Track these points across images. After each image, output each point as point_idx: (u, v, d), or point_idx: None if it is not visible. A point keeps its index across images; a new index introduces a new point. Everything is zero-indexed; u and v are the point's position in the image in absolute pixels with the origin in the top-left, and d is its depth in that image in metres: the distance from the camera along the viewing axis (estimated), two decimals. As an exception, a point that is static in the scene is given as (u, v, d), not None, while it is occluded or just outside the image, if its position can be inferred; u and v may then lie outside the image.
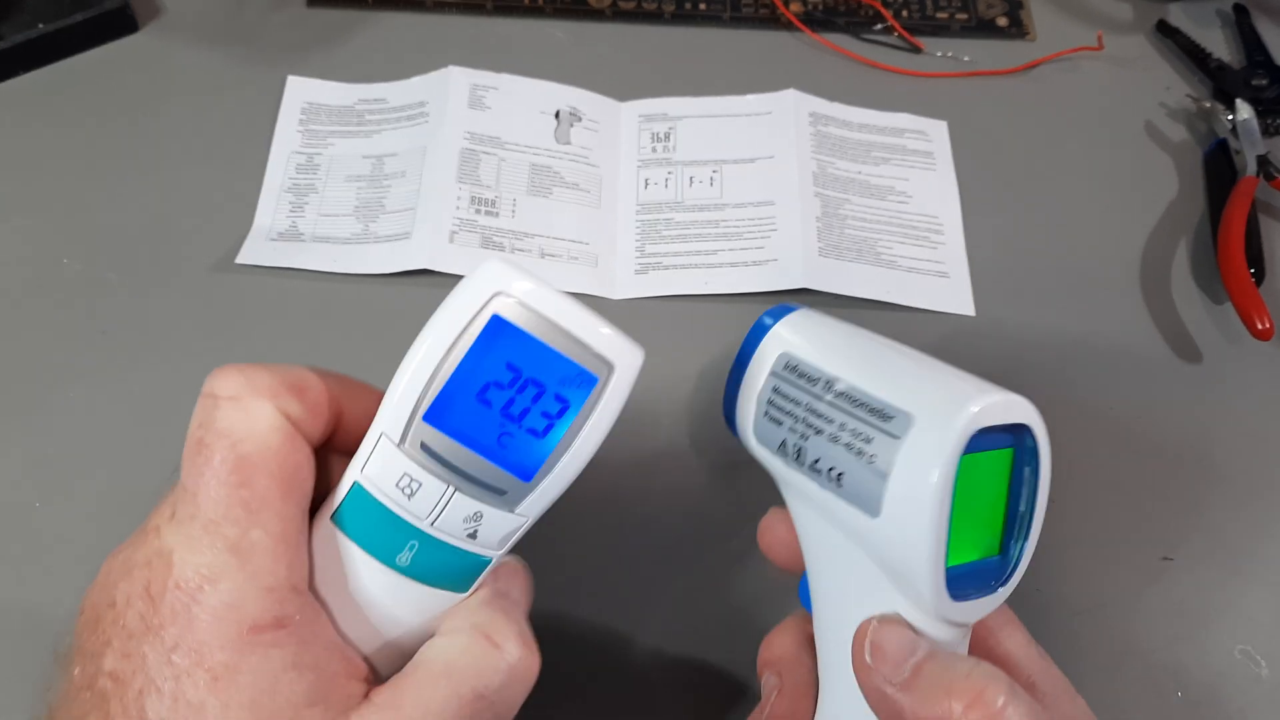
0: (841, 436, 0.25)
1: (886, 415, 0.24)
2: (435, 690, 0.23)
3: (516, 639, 0.24)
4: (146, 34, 0.52)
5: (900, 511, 0.24)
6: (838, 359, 0.27)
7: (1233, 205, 0.45)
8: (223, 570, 0.22)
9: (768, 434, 0.27)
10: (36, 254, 0.44)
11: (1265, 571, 0.38)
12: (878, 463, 0.24)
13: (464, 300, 0.24)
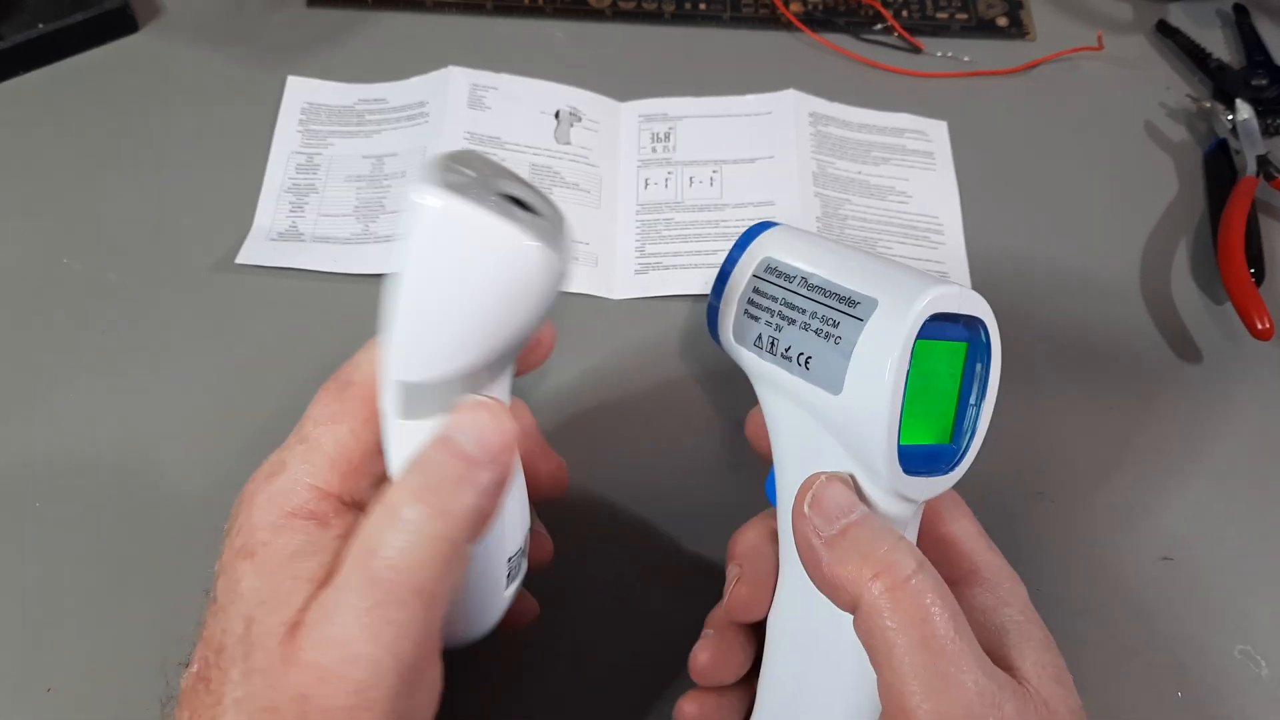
0: (811, 324, 0.27)
1: (853, 302, 0.27)
2: (351, 573, 0.23)
3: (413, 501, 0.23)
4: (146, 34, 0.52)
5: (860, 387, 0.26)
6: (813, 258, 0.29)
7: (1233, 205, 0.45)
8: (286, 463, 0.26)
9: (745, 330, 0.29)
10: (36, 254, 0.44)
11: (1265, 571, 0.38)
12: (842, 344, 0.26)
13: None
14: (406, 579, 0.23)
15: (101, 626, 0.35)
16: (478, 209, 0.22)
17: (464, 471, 0.24)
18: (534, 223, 0.23)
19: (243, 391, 0.41)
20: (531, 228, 0.22)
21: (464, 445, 0.24)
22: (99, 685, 0.34)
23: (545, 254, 0.22)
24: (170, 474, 0.39)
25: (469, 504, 0.24)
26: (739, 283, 0.29)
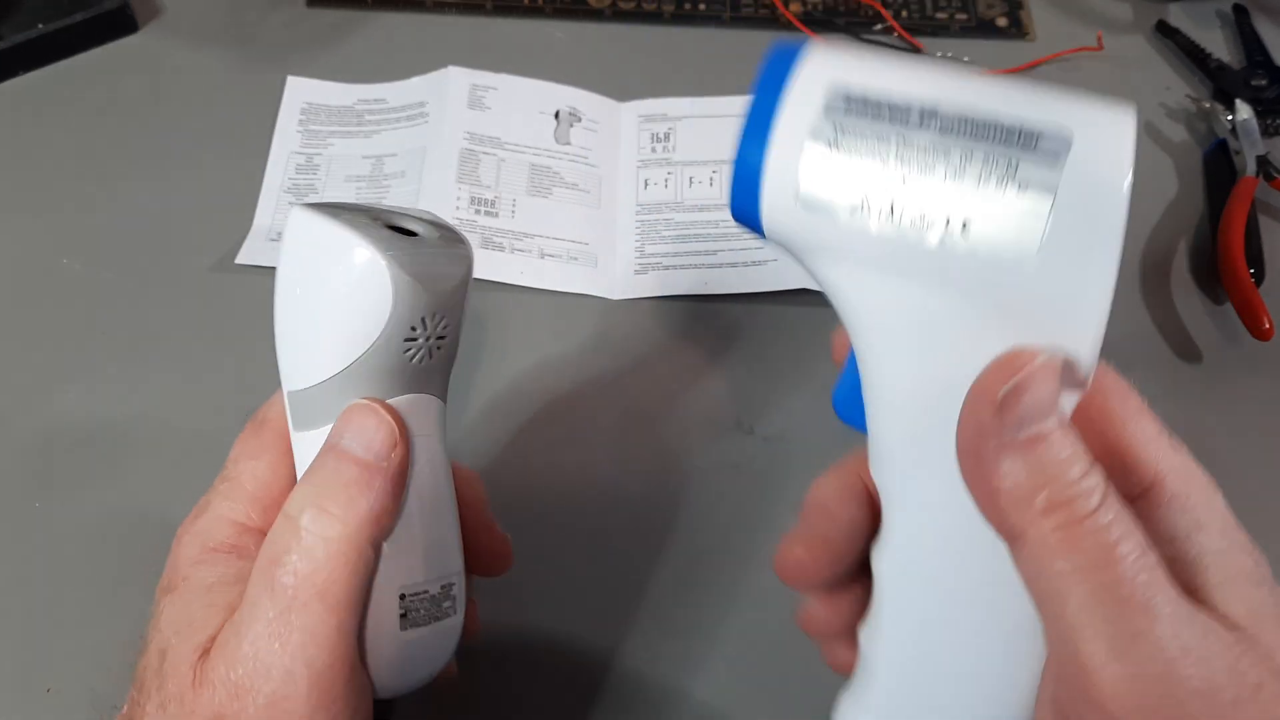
0: (969, 171, 0.20)
1: (1030, 135, 0.20)
2: (256, 586, 0.23)
3: (307, 507, 0.24)
4: (146, 34, 0.52)
5: (1069, 248, 0.20)
6: (919, 80, 0.21)
7: (1232, 205, 0.45)
8: (210, 503, 0.27)
9: (832, 195, 0.21)
10: (36, 254, 0.44)
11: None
12: (1031, 193, 0.20)
13: None
14: (308, 584, 0.23)
15: (101, 627, 0.35)
16: (326, 220, 0.24)
17: (354, 474, 0.24)
18: (389, 239, 0.24)
19: (242, 391, 0.41)
20: (376, 239, 0.24)
21: (351, 448, 0.24)
22: (99, 686, 0.34)
23: (378, 261, 0.24)
24: (170, 473, 0.39)
25: (363, 505, 0.24)
26: (797, 126, 0.21)
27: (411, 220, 0.26)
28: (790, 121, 0.21)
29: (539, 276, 0.44)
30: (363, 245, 0.24)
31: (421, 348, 0.25)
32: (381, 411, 0.24)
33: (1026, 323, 0.20)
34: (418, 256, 0.24)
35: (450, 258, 0.26)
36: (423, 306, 0.24)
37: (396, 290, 0.24)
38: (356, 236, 0.24)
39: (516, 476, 0.39)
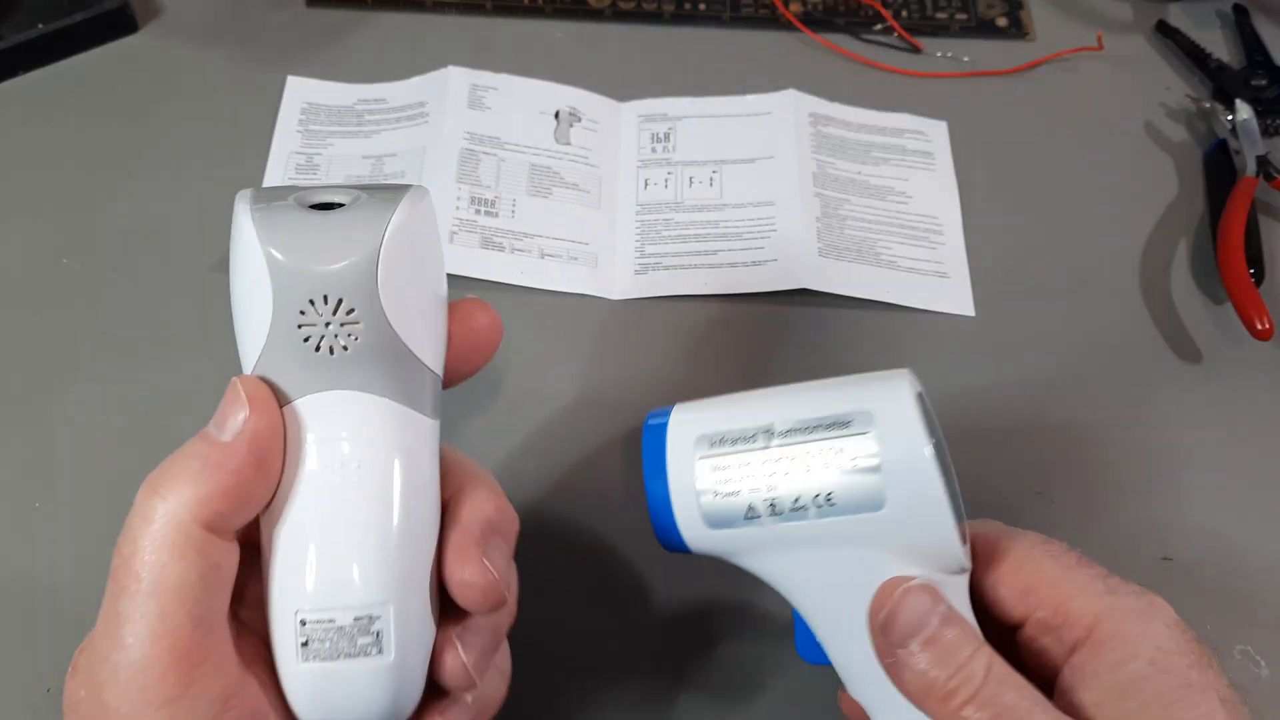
0: (814, 464, 0.26)
1: (843, 422, 0.26)
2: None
3: (145, 484, 0.23)
4: (146, 34, 0.52)
5: (904, 489, 0.26)
6: (752, 411, 0.28)
7: (1232, 205, 0.45)
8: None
9: (726, 513, 0.27)
10: (36, 254, 0.44)
11: (1266, 572, 0.38)
12: (862, 461, 0.26)
13: None
14: (127, 565, 0.22)
15: (101, 627, 0.35)
16: (241, 204, 0.23)
17: (195, 449, 0.23)
18: (281, 218, 0.23)
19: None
20: (263, 219, 0.23)
21: (208, 427, 0.23)
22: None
23: (252, 240, 0.23)
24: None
25: (191, 484, 0.22)
26: (683, 478, 0.27)
27: (346, 194, 0.24)
28: (676, 463, 0.28)
29: (539, 277, 0.44)
30: (246, 225, 0.23)
31: (322, 334, 0.23)
32: (237, 386, 0.23)
33: (899, 551, 0.26)
34: (302, 232, 0.23)
35: (358, 228, 0.23)
36: (305, 286, 0.23)
37: (271, 269, 0.23)
38: (246, 217, 0.23)
39: (515, 478, 0.39)
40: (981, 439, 0.41)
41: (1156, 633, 0.26)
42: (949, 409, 0.41)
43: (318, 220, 0.23)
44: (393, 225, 0.23)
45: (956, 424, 0.41)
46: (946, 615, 0.25)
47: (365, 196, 0.24)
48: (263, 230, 0.23)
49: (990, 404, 0.42)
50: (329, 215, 0.23)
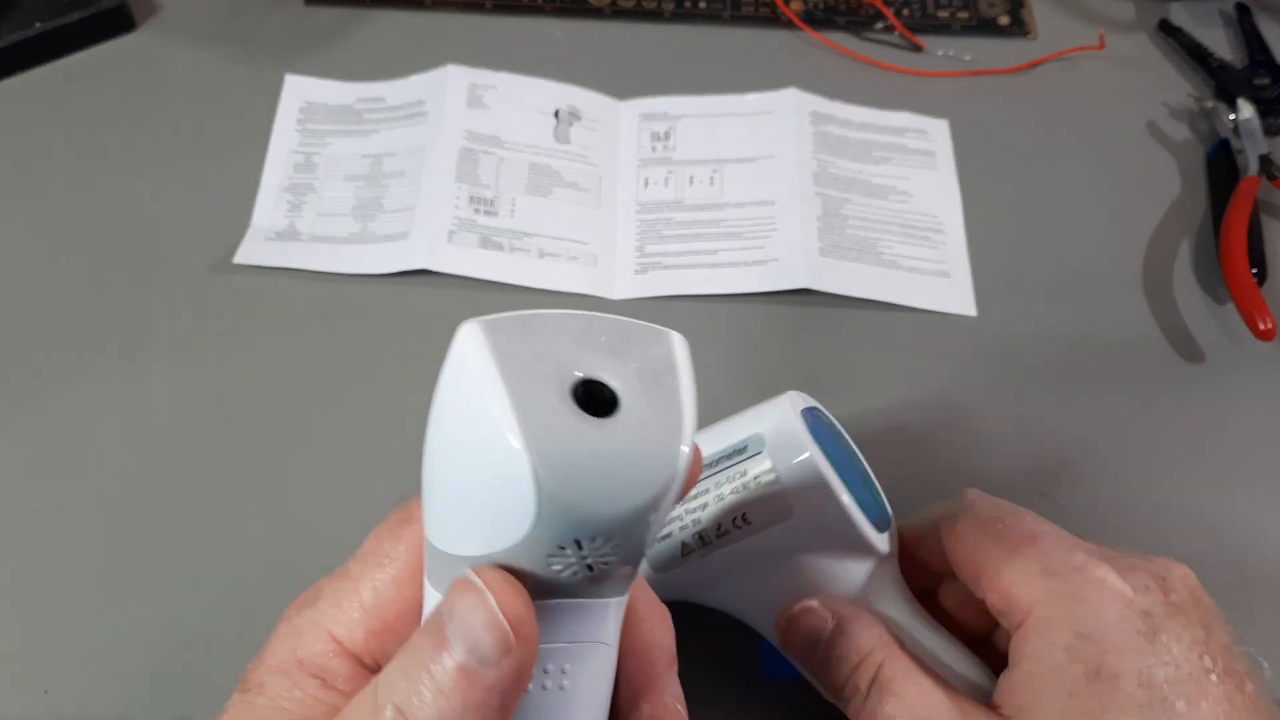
0: (725, 494, 0.29)
1: (740, 450, 0.29)
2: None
3: (396, 711, 0.18)
4: (144, 32, 0.52)
5: (805, 495, 0.28)
6: None
7: (1235, 205, 0.45)
8: (321, 595, 0.23)
9: (666, 555, 0.30)
10: (33, 253, 0.44)
11: (1269, 573, 0.38)
12: (764, 479, 0.29)
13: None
14: None
15: (99, 627, 0.35)
16: (489, 362, 0.18)
17: (452, 682, 0.18)
18: (558, 423, 0.17)
19: (240, 391, 0.41)
20: (535, 422, 0.17)
21: (453, 644, 0.18)
22: (97, 687, 0.34)
23: (521, 462, 0.17)
24: (168, 473, 0.39)
25: (436, 713, 0.18)
26: None
27: (628, 368, 0.19)
28: None
29: (538, 276, 0.44)
30: (512, 430, 0.17)
31: (574, 567, 0.19)
32: (492, 603, 0.18)
33: (821, 551, 0.29)
34: (587, 461, 0.17)
35: (646, 458, 0.18)
36: (577, 529, 0.18)
37: (539, 499, 0.17)
38: (510, 410, 0.17)
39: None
40: (982, 439, 0.41)
41: (1081, 616, 0.25)
42: (949, 409, 0.41)
43: (598, 431, 0.18)
44: (687, 450, 0.19)
45: (956, 424, 0.41)
46: (834, 632, 0.28)
47: (637, 378, 0.19)
48: (532, 438, 0.17)
49: (991, 404, 0.42)
50: (610, 426, 0.18)
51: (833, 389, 0.41)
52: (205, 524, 0.37)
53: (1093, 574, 0.26)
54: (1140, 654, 0.25)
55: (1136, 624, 0.25)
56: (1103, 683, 0.24)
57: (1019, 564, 0.27)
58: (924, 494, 0.32)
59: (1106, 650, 0.25)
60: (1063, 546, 0.27)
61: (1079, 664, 0.25)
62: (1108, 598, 0.25)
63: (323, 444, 0.39)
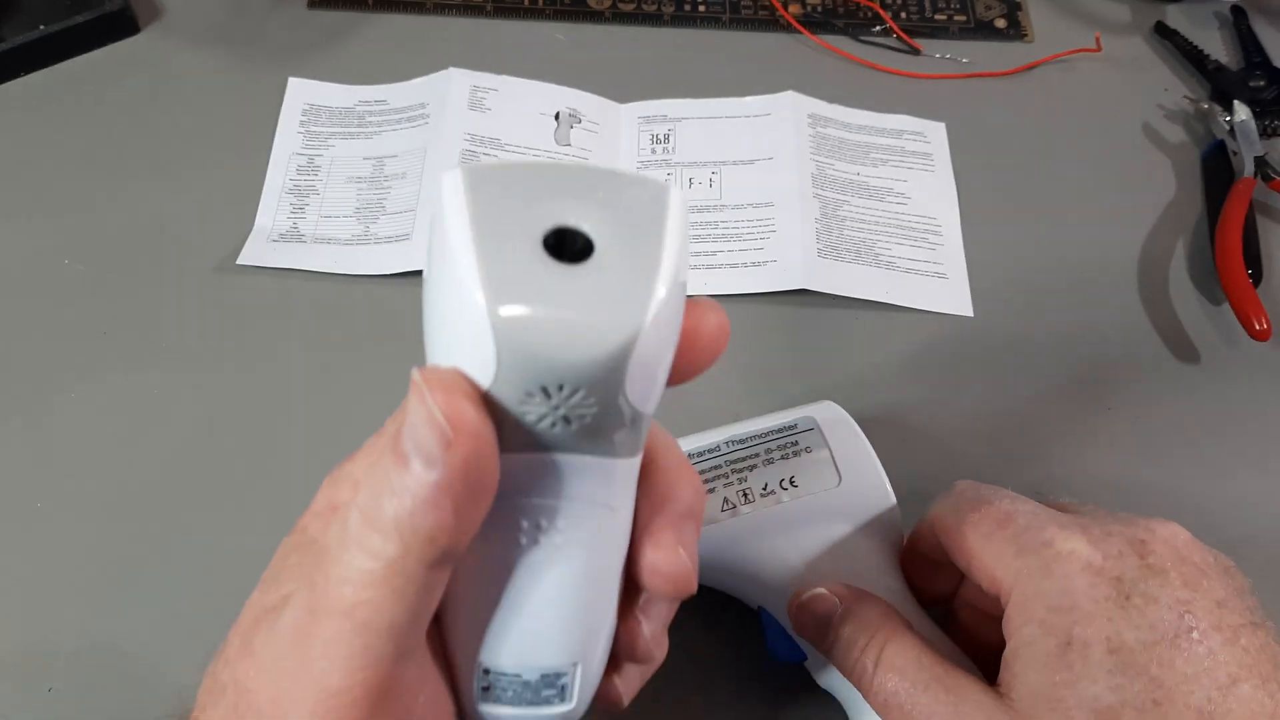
0: (775, 458, 0.33)
1: (790, 427, 0.34)
2: (296, 576, 0.21)
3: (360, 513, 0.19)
4: (147, 35, 0.52)
5: (853, 465, 0.32)
6: (703, 437, 0.34)
7: (1230, 206, 0.46)
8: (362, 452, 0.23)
9: (709, 509, 0.32)
10: (38, 255, 0.44)
11: (1265, 571, 0.38)
12: (817, 451, 0.33)
13: None
14: (337, 596, 0.19)
15: (102, 626, 0.35)
16: (462, 211, 0.17)
17: (402, 482, 0.18)
18: (518, 273, 0.17)
19: (244, 391, 0.41)
20: (494, 272, 0.17)
21: (403, 443, 0.18)
22: (100, 685, 0.34)
23: (479, 312, 0.17)
24: (171, 473, 0.39)
25: (391, 513, 0.18)
26: None
27: (613, 217, 0.18)
28: None
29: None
30: (471, 276, 0.17)
31: (547, 417, 0.18)
32: (429, 400, 0.18)
33: (853, 514, 0.32)
34: (543, 301, 0.17)
35: (615, 299, 0.17)
36: (539, 376, 0.18)
37: (498, 342, 0.17)
38: (472, 258, 0.17)
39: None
40: (979, 439, 0.41)
41: (1051, 590, 0.26)
42: (947, 409, 0.42)
43: (562, 279, 0.17)
44: (659, 298, 0.17)
45: (955, 424, 0.41)
46: (843, 615, 0.29)
47: (615, 225, 0.18)
48: (491, 280, 0.17)
49: (988, 404, 0.42)
50: (577, 274, 0.17)
51: (831, 389, 0.41)
52: (208, 523, 0.38)
53: (1061, 547, 0.26)
54: (1110, 620, 0.25)
55: (1105, 591, 0.25)
56: (1073, 652, 0.25)
57: (996, 545, 0.27)
58: (922, 493, 0.33)
59: (1076, 620, 0.25)
60: (1036, 523, 0.27)
61: (1051, 637, 0.25)
62: (1076, 568, 0.26)
63: (325, 444, 0.39)
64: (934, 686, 0.26)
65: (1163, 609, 0.25)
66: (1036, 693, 0.25)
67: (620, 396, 0.18)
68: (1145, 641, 0.24)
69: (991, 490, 0.29)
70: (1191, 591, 0.25)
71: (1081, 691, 0.24)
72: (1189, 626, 0.25)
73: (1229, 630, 0.25)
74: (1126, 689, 0.24)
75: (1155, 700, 0.24)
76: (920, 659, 0.27)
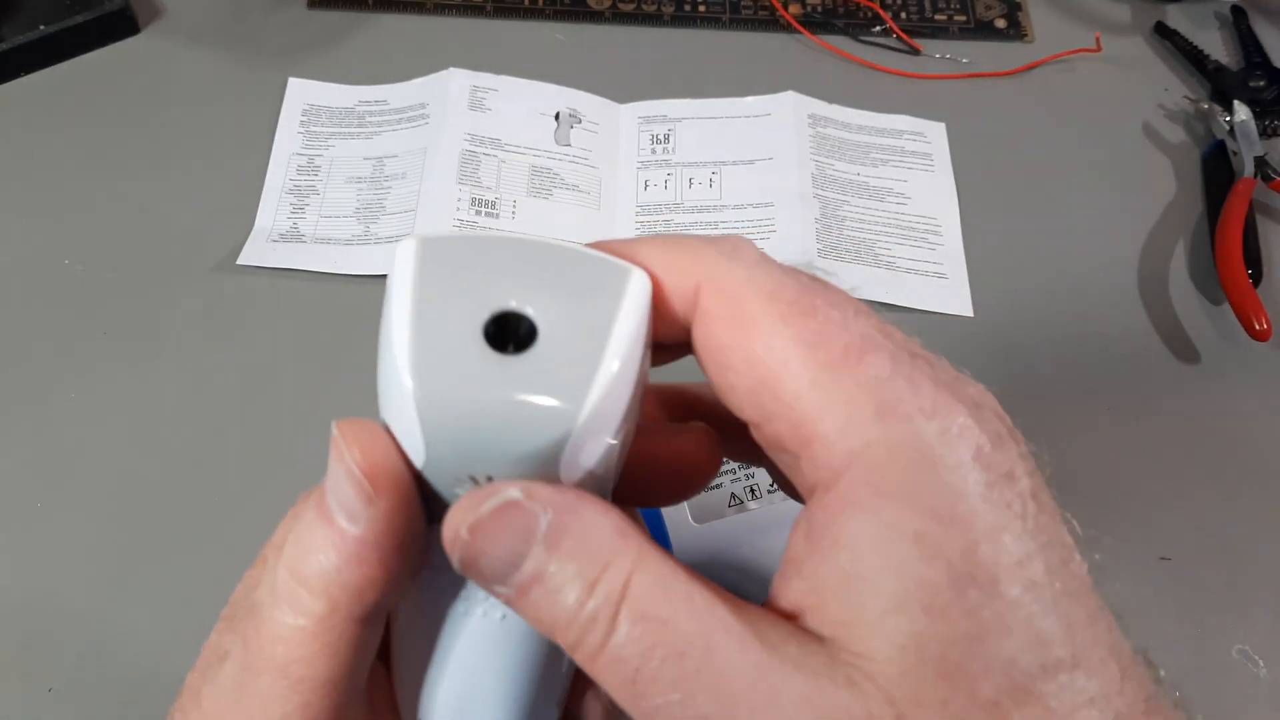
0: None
1: None
2: (236, 628, 0.20)
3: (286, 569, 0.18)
4: (147, 36, 0.52)
5: None
6: None
7: (1230, 206, 0.46)
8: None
9: (710, 504, 0.32)
10: (38, 255, 0.44)
11: (1263, 572, 0.38)
12: None
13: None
14: (268, 654, 0.18)
15: (102, 627, 0.35)
16: (407, 287, 0.17)
17: (319, 529, 0.18)
18: (449, 358, 0.16)
19: (244, 392, 0.41)
20: (424, 358, 0.16)
21: (329, 499, 0.18)
22: (100, 685, 0.34)
23: (406, 397, 0.16)
24: (171, 474, 0.39)
25: (317, 568, 0.18)
26: None
27: (564, 303, 0.17)
28: None
29: (539, 277, 0.44)
30: (404, 362, 0.16)
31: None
32: (348, 458, 0.17)
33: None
34: (475, 402, 0.16)
35: (541, 404, 0.16)
36: (467, 465, 0.17)
37: (426, 439, 0.17)
38: (407, 342, 0.16)
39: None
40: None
41: (938, 490, 0.16)
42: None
43: (497, 368, 0.16)
44: (597, 394, 0.16)
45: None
46: (553, 532, 0.17)
47: (564, 312, 0.17)
48: (421, 367, 0.16)
49: (989, 404, 0.42)
50: (514, 364, 0.16)
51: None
52: (208, 523, 0.38)
53: (952, 421, 0.17)
54: (1018, 539, 0.16)
55: (1005, 494, 0.17)
56: (978, 589, 0.16)
57: (840, 389, 0.17)
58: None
59: (978, 540, 0.16)
60: (904, 369, 0.17)
61: (939, 561, 0.16)
62: (968, 456, 0.17)
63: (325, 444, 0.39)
64: (728, 647, 0.16)
65: (1050, 518, 0.17)
66: (922, 656, 0.15)
67: (571, 480, 0.17)
68: (1057, 570, 0.17)
69: (797, 275, 0.18)
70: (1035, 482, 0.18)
71: (993, 650, 0.15)
72: (1068, 546, 0.18)
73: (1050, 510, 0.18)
74: (1050, 650, 0.16)
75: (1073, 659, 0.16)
76: (691, 597, 0.16)
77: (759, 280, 0.18)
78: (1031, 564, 0.16)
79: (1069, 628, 0.16)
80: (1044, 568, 0.16)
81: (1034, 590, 0.16)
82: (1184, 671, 0.36)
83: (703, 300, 0.18)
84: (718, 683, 0.16)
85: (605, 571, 0.16)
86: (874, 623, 0.16)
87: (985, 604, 0.16)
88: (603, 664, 0.16)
